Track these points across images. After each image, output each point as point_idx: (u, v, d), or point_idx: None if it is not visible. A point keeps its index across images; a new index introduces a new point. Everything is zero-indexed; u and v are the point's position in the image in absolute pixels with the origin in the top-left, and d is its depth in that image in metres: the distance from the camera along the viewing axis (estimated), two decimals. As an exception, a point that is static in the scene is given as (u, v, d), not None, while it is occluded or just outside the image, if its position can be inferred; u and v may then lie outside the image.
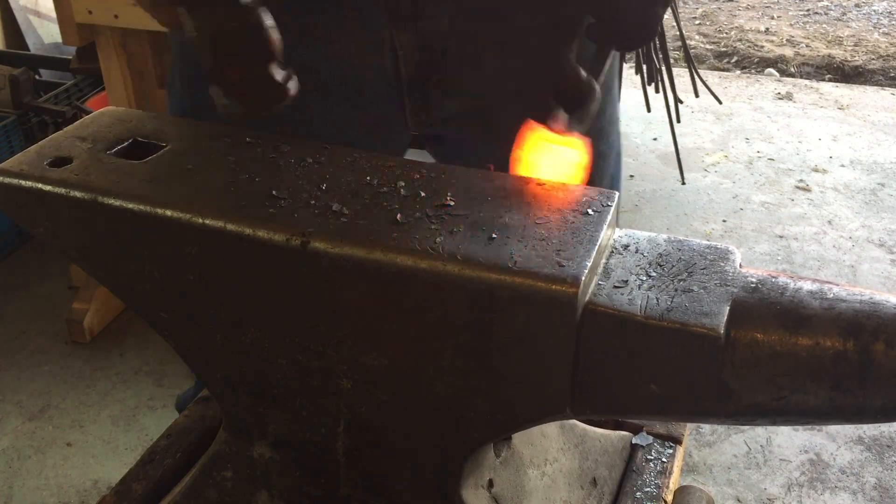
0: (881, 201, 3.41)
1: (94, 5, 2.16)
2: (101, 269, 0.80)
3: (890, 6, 5.62)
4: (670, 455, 0.95)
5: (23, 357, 2.46)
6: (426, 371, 0.71)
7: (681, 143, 3.49)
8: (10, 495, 2.03)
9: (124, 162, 0.78)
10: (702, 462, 2.18)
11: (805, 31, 5.25)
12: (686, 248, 0.72)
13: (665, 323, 0.64)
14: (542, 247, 0.67)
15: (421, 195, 0.74)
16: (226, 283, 0.74)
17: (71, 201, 0.75)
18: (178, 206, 0.72)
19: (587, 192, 0.75)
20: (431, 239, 0.68)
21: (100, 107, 1.75)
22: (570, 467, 0.88)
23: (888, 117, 4.13)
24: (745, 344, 0.64)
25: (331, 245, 0.69)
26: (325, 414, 0.78)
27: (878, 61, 4.82)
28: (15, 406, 2.29)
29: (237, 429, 0.83)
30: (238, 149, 0.81)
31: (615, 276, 0.69)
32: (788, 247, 3.09)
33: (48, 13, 3.55)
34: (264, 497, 0.85)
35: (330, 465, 0.80)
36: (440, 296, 0.67)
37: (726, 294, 0.66)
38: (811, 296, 0.66)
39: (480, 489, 0.79)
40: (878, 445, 2.24)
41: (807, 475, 2.15)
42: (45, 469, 2.10)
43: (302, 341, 0.74)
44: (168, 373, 2.38)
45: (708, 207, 3.35)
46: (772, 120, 4.10)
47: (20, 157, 0.79)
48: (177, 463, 0.95)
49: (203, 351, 0.80)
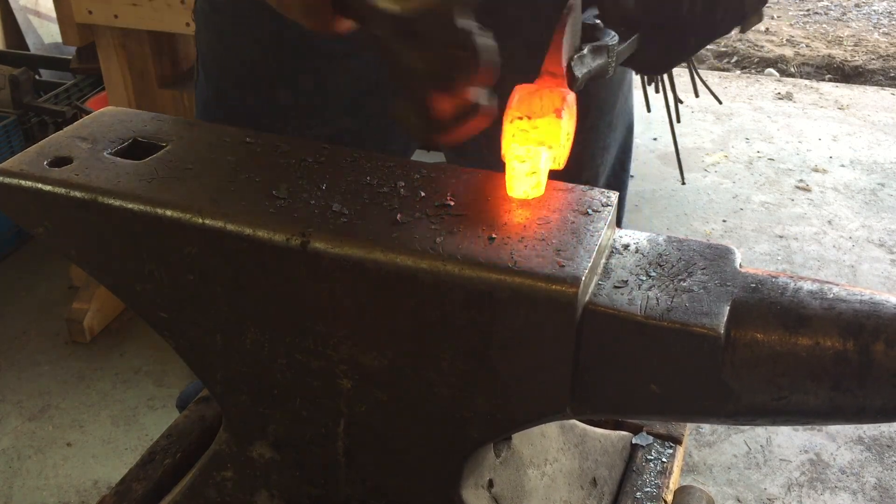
0: (881, 201, 3.41)
1: (94, 5, 2.16)
2: (100, 269, 0.80)
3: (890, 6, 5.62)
4: (670, 455, 0.95)
5: (23, 357, 2.46)
6: (426, 371, 0.71)
7: (681, 143, 3.49)
8: (10, 495, 2.03)
9: (124, 162, 0.78)
10: (702, 462, 2.18)
11: (805, 31, 5.25)
12: (686, 248, 0.72)
13: (665, 323, 0.64)
14: (542, 247, 0.67)
15: (421, 195, 0.74)
16: (226, 283, 0.74)
17: (71, 201, 0.75)
18: (178, 206, 0.72)
19: (587, 192, 0.75)
20: (431, 239, 0.68)
21: (100, 107, 1.75)
22: (570, 467, 0.88)
23: (888, 117, 4.13)
24: (745, 344, 0.64)
25: (331, 245, 0.69)
26: (325, 414, 0.78)
27: (878, 61, 4.82)
28: (15, 406, 2.29)
29: (237, 429, 0.83)
30: (238, 149, 0.81)
31: (615, 277, 0.69)
32: (788, 247, 3.09)
33: (48, 13, 3.55)
34: (264, 497, 0.85)
35: (330, 465, 0.80)
36: (440, 296, 0.67)
37: (726, 294, 0.66)
38: (811, 296, 0.66)
39: (480, 489, 0.79)
40: (878, 445, 2.24)
41: (807, 475, 2.15)
42: (45, 469, 2.10)
43: (302, 341, 0.74)
44: (168, 373, 2.38)
45: (708, 207, 3.35)
46: (772, 120, 4.10)
47: (20, 157, 0.79)
48: (177, 463, 0.95)
49: (203, 351, 0.80)
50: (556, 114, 0.72)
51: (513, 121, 0.72)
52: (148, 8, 2.12)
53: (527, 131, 0.72)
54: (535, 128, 0.72)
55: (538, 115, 0.72)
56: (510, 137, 0.72)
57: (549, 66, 0.76)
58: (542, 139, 0.72)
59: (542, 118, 0.72)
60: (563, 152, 0.74)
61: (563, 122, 0.72)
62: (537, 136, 0.72)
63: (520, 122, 0.72)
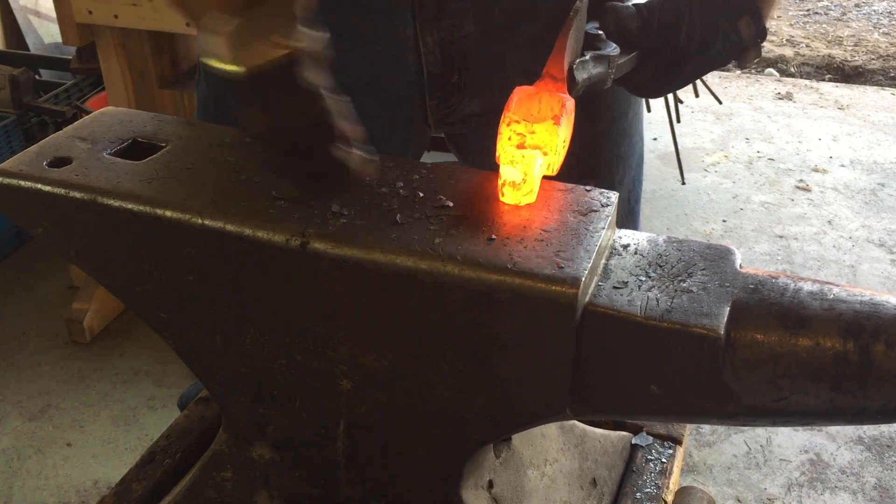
0: (881, 201, 3.40)
1: (94, 5, 2.16)
2: (100, 269, 0.80)
3: (890, 6, 5.61)
4: (670, 455, 0.95)
5: (23, 357, 2.45)
6: (426, 372, 0.71)
7: (681, 143, 3.49)
8: (10, 495, 2.03)
9: (124, 162, 0.78)
10: (702, 462, 2.18)
11: (805, 31, 5.25)
12: (686, 249, 0.72)
13: (665, 324, 0.64)
14: (541, 248, 0.67)
15: (420, 196, 0.74)
16: (225, 283, 0.74)
17: (71, 201, 0.75)
18: (178, 207, 0.72)
19: (587, 192, 0.75)
20: (431, 240, 0.68)
21: (100, 107, 1.75)
22: (570, 468, 0.88)
23: (888, 117, 4.13)
24: (746, 345, 0.64)
25: (330, 245, 0.68)
26: (325, 414, 0.77)
27: (878, 61, 4.82)
28: (15, 406, 2.29)
29: (237, 429, 0.83)
30: (238, 149, 0.81)
31: (615, 277, 0.69)
32: (788, 247, 3.09)
33: (48, 13, 3.55)
34: (264, 497, 0.85)
35: (330, 466, 0.80)
36: (440, 297, 0.67)
37: (726, 295, 0.66)
38: (811, 296, 0.66)
39: (480, 490, 0.79)
40: (878, 445, 2.24)
41: (807, 475, 2.14)
42: (45, 469, 2.10)
43: (301, 342, 0.74)
44: (168, 373, 2.38)
45: (708, 207, 3.35)
46: (772, 120, 4.10)
47: (20, 157, 0.79)
48: (177, 463, 0.95)
49: (202, 351, 0.80)
50: (555, 120, 0.71)
51: (510, 123, 0.71)
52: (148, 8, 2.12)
53: (523, 136, 0.71)
54: (532, 133, 0.71)
55: (536, 120, 0.71)
56: (506, 140, 0.71)
57: (550, 69, 0.75)
58: (539, 145, 0.71)
59: (540, 123, 0.71)
60: (558, 159, 0.73)
61: (561, 130, 0.71)
62: (534, 141, 0.71)
63: (517, 125, 0.71)
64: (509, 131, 0.71)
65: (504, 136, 0.71)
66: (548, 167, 0.72)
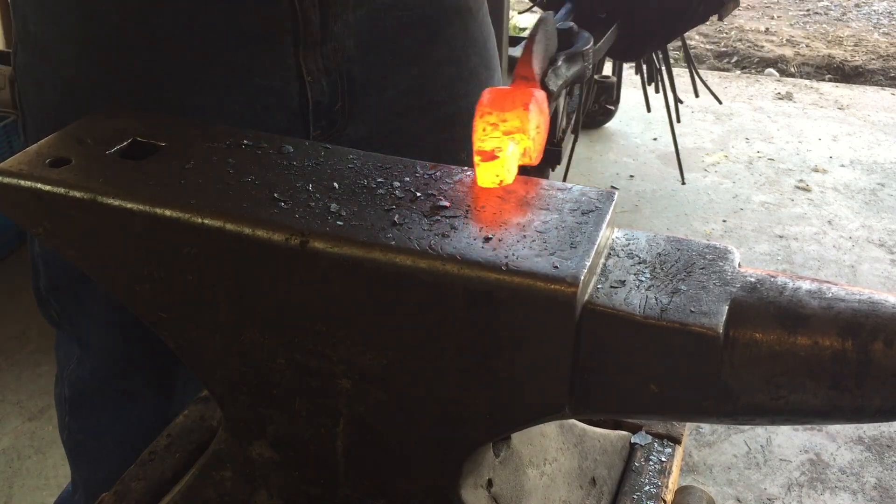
0: (881, 201, 3.41)
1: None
2: (100, 269, 0.80)
3: (890, 6, 5.62)
4: (669, 455, 0.95)
5: (23, 357, 2.46)
6: (425, 371, 0.71)
7: (681, 143, 3.49)
8: (10, 495, 2.03)
9: (124, 162, 0.78)
10: (702, 462, 2.18)
11: (805, 31, 5.26)
12: (685, 248, 0.72)
13: (664, 323, 0.64)
14: (540, 246, 0.67)
15: (417, 195, 0.74)
16: (225, 283, 0.74)
17: (70, 201, 0.75)
18: (178, 206, 0.73)
19: (586, 191, 0.75)
20: (429, 239, 0.68)
21: (100, 107, 1.75)
22: (570, 467, 0.88)
23: (888, 117, 4.14)
24: (744, 343, 0.64)
25: (330, 245, 0.69)
26: (325, 414, 0.78)
27: (878, 61, 4.82)
28: (15, 406, 2.29)
29: (236, 429, 0.83)
30: (237, 149, 0.81)
31: (614, 276, 0.69)
32: (788, 247, 3.09)
33: (48, 13, 3.55)
34: (263, 497, 0.85)
35: (329, 465, 0.80)
36: (438, 296, 0.67)
37: (725, 294, 0.66)
38: (810, 295, 0.66)
39: (479, 489, 0.79)
40: (878, 445, 2.24)
41: (807, 475, 2.15)
42: (45, 469, 2.10)
43: (301, 341, 0.74)
44: (168, 373, 2.38)
45: (708, 207, 3.35)
46: (772, 120, 4.10)
47: (20, 156, 0.79)
48: (177, 463, 0.95)
49: (202, 351, 0.80)
50: (524, 107, 0.74)
51: (483, 115, 0.75)
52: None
53: (496, 124, 0.74)
54: (504, 120, 0.74)
55: (507, 109, 0.75)
56: (481, 132, 0.74)
57: (520, 71, 0.79)
58: (511, 130, 0.74)
59: (510, 111, 0.75)
60: (535, 146, 0.76)
61: (532, 115, 0.75)
62: (506, 128, 0.74)
63: (489, 116, 0.75)
64: (483, 122, 0.74)
65: (479, 128, 0.74)
66: (525, 154, 0.75)
